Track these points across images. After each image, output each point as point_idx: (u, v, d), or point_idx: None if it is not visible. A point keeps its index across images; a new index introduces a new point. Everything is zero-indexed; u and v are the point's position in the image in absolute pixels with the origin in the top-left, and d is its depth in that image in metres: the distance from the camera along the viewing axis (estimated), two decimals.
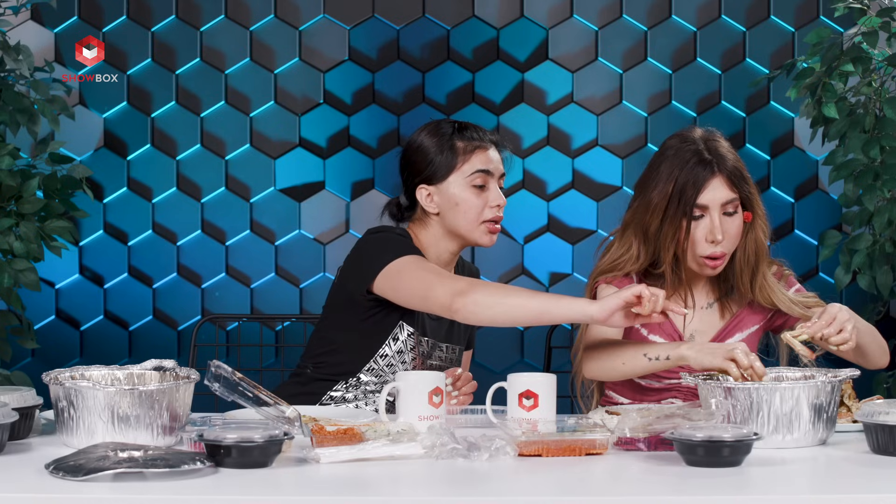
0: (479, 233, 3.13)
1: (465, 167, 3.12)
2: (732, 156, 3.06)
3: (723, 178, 3.02)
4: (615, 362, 2.96)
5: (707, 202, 3.01)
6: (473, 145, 3.13)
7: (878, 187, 4.17)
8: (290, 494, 2.27)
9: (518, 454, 2.49)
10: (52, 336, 4.67)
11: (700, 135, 3.07)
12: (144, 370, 2.70)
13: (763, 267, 3.10)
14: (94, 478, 2.25)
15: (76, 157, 4.58)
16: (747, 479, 2.33)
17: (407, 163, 3.18)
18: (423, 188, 3.14)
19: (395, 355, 3.13)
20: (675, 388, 3.09)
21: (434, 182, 3.13)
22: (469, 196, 3.11)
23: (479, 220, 3.12)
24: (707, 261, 3.04)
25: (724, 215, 3.03)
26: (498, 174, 3.15)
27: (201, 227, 4.71)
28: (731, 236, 3.04)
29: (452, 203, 3.12)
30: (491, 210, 3.12)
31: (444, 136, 3.14)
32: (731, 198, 3.03)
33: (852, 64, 4.19)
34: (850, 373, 2.68)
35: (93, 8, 4.68)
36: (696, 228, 3.02)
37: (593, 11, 4.72)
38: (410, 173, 3.17)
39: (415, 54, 4.72)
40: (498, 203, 3.12)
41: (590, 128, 4.72)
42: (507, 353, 4.71)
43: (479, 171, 3.12)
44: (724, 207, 3.03)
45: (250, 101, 4.71)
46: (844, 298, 4.64)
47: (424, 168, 3.13)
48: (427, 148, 3.14)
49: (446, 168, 3.12)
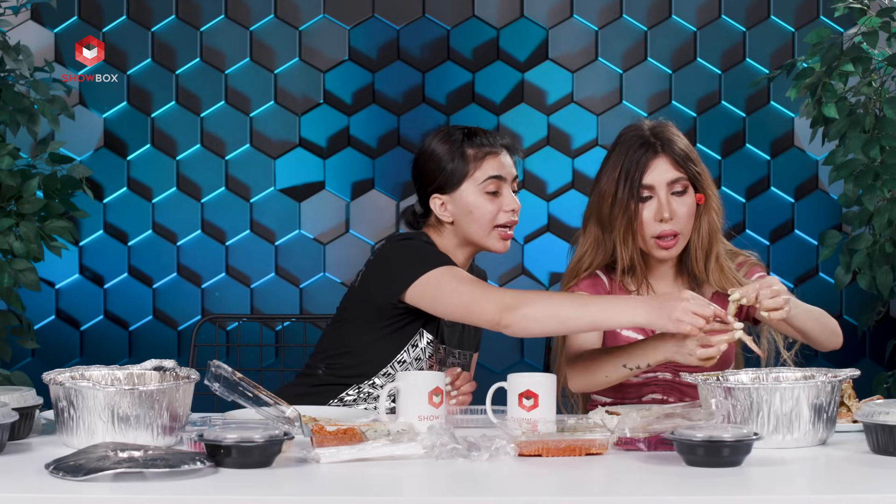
0: (493, 239, 3.12)
1: (477, 174, 3.11)
2: (680, 140, 3.09)
3: (667, 157, 3.05)
4: (598, 376, 2.98)
5: (652, 182, 3.04)
6: (484, 151, 3.12)
7: (878, 187, 4.17)
8: (290, 494, 2.27)
9: (518, 454, 2.49)
10: (52, 336, 4.67)
11: (648, 124, 3.11)
12: (144, 370, 2.70)
13: (717, 249, 3.12)
14: (94, 478, 2.25)
15: (76, 157, 4.58)
16: (747, 479, 2.33)
17: (419, 172, 3.17)
18: (436, 197, 3.13)
19: (413, 362, 3.12)
20: (652, 383, 3.12)
21: (447, 191, 3.12)
22: (483, 202, 3.10)
23: (492, 225, 3.11)
24: (658, 241, 3.05)
25: (672, 195, 3.05)
26: (510, 178, 3.14)
27: (201, 227, 4.71)
28: (682, 216, 3.05)
29: (466, 211, 3.11)
30: (505, 214, 3.11)
31: (454, 143, 3.12)
32: (677, 177, 3.05)
33: (852, 64, 4.19)
34: (850, 373, 2.68)
35: (93, 8, 4.68)
36: (645, 209, 3.04)
37: (593, 11, 4.72)
38: (423, 182, 3.16)
39: (415, 54, 4.72)
40: (512, 208, 3.12)
41: (590, 128, 4.72)
42: (507, 353, 4.71)
43: (491, 177, 3.11)
44: (672, 186, 3.05)
45: (250, 101, 4.71)
46: (844, 298, 4.64)
47: (437, 177, 3.12)
48: (439, 156, 3.12)
49: (459, 176, 3.11)
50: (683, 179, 3.06)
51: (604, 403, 3.13)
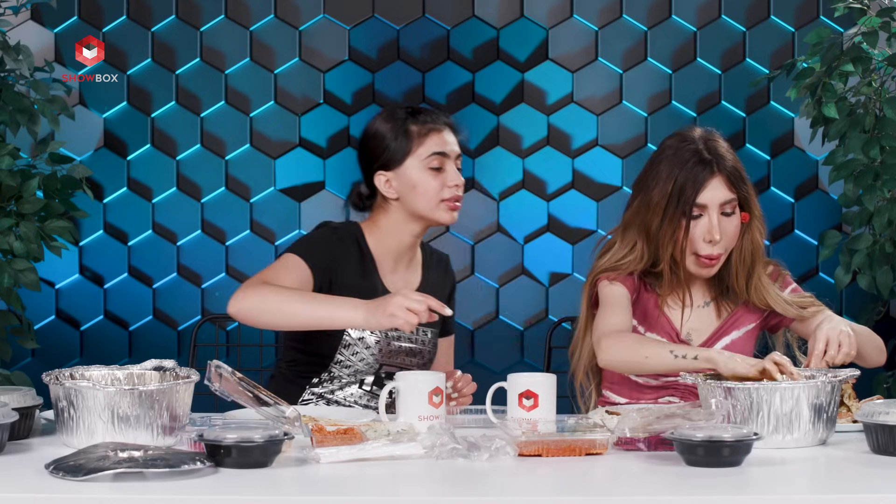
0: (440, 211, 3.14)
1: (420, 150, 3.13)
2: (731, 156, 3.07)
3: (722, 178, 3.03)
4: (638, 354, 2.92)
5: (706, 202, 3.02)
6: (427, 128, 3.14)
7: (878, 187, 4.17)
8: (290, 494, 2.27)
9: (518, 454, 2.49)
10: (52, 336, 4.67)
11: (699, 134, 3.08)
12: (144, 370, 2.70)
13: (759, 268, 3.11)
14: (94, 478, 2.25)
15: (76, 157, 4.58)
16: (747, 479, 2.33)
17: (364, 151, 3.20)
18: (381, 174, 3.15)
19: (358, 342, 3.13)
20: (671, 386, 3.10)
21: (391, 167, 3.14)
22: (427, 178, 3.12)
23: (437, 199, 3.13)
24: (704, 260, 3.04)
25: (721, 215, 3.04)
26: (454, 156, 3.16)
27: (201, 227, 4.71)
28: (729, 237, 3.05)
29: (410, 186, 3.12)
30: (449, 190, 3.13)
31: (398, 121, 3.15)
32: (730, 198, 3.04)
33: (852, 64, 4.19)
34: (850, 373, 2.68)
35: (93, 8, 4.68)
36: (695, 228, 3.03)
37: (593, 11, 4.72)
38: (368, 161, 3.19)
39: (415, 54, 4.72)
40: (456, 183, 3.13)
41: (590, 128, 4.72)
42: (507, 353, 4.71)
43: (434, 153, 3.13)
44: (723, 207, 3.04)
45: (250, 101, 4.71)
46: (844, 298, 4.64)
47: (381, 154, 3.15)
48: (383, 134, 3.15)
49: (402, 153, 3.13)
50: (734, 201, 3.05)
51: (614, 403, 3.12)
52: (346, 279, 3.11)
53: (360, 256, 3.15)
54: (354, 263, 3.14)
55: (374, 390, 3.15)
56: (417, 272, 3.24)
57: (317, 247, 3.11)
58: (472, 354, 4.70)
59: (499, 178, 4.71)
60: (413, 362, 3.18)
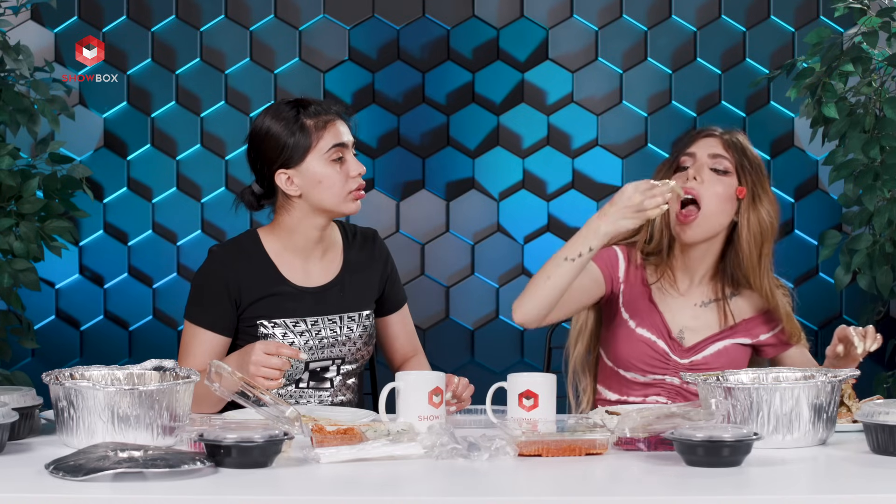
0: (347, 203, 3.15)
1: (320, 144, 3.12)
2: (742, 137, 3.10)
3: (719, 139, 3.07)
4: (539, 281, 2.94)
5: (695, 150, 3.06)
6: (323, 121, 3.13)
7: (878, 187, 4.17)
8: (290, 494, 2.27)
9: (518, 454, 2.49)
10: (52, 336, 4.67)
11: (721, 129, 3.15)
12: (144, 370, 2.70)
13: (768, 250, 3.10)
14: (94, 478, 2.25)
15: (76, 157, 4.58)
16: (747, 479, 2.33)
17: (258, 152, 3.17)
18: (281, 173, 3.14)
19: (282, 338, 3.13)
20: (658, 384, 3.11)
21: (292, 165, 3.13)
22: (331, 172, 3.12)
23: (345, 192, 3.13)
24: (681, 216, 3.04)
25: (711, 171, 3.05)
26: (351, 144, 3.17)
27: (201, 227, 4.71)
28: (712, 193, 3.04)
29: (315, 181, 3.12)
30: (353, 180, 3.14)
31: (290, 117, 3.13)
32: (721, 153, 3.05)
33: (852, 64, 4.19)
34: (850, 373, 2.68)
35: (93, 8, 4.68)
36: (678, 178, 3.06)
37: (593, 11, 4.72)
38: (264, 161, 3.16)
39: (415, 54, 4.72)
40: (358, 171, 3.15)
41: (590, 128, 4.72)
42: (507, 353, 4.71)
43: (334, 145, 3.13)
44: (714, 160, 3.05)
45: (250, 101, 4.71)
46: (844, 298, 4.64)
47: (279, 153, 3.13)
48: (277, 133, 3.13)
49: (302, 149, 3.12)
50: (727, 160, 3.05)
51: (606, 399, 3.13)
52: (253, 294, 3.13)
53: (261, 265, 3.16)
54: (255, 275, 3.14)
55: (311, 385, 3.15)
56: (338, 257, 3.24)
57: (204, 298, 3.12)
58: (472, 354, 4.70)
59: (499, 178, 4.71)
60: (346, 351, 3.18)
